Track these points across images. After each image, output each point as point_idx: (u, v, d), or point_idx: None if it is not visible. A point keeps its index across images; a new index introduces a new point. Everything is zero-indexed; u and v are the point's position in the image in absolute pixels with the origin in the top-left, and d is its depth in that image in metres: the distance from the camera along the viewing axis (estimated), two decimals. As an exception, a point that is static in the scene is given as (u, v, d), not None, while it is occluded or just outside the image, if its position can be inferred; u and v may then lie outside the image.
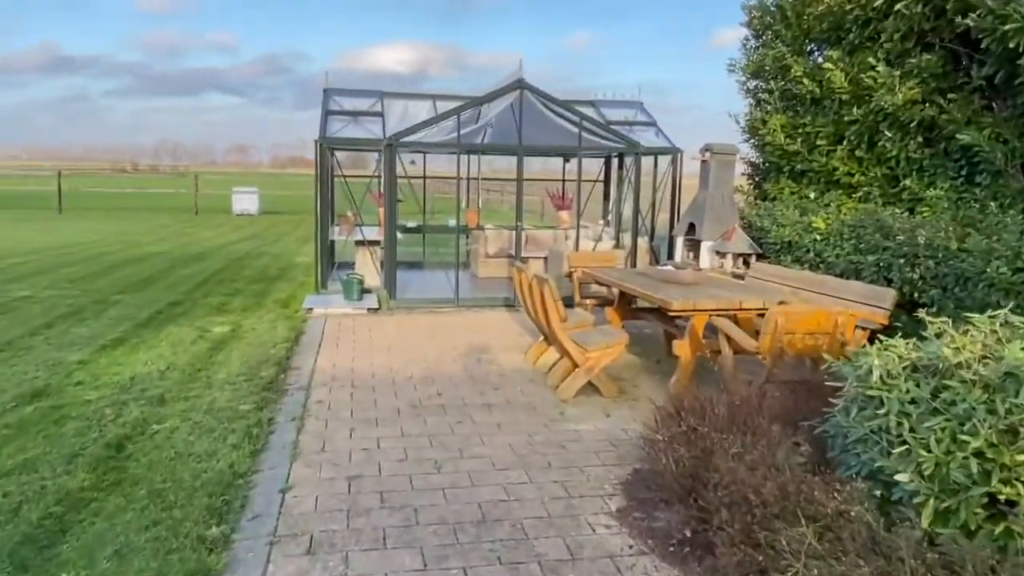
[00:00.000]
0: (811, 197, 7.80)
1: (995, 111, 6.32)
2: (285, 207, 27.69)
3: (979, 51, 6.07)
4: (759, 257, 8.15)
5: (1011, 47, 5.31)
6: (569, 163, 13.11)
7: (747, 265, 8.34)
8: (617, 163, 11.36)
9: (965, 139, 6.02)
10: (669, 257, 10.12)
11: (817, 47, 8.46)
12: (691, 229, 9.08)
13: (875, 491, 2.79)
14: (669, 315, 5.83)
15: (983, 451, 2.54)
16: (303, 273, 11.45)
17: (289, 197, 29.97)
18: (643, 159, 9.72)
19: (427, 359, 6.47)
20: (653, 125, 10.56)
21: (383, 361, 6.37)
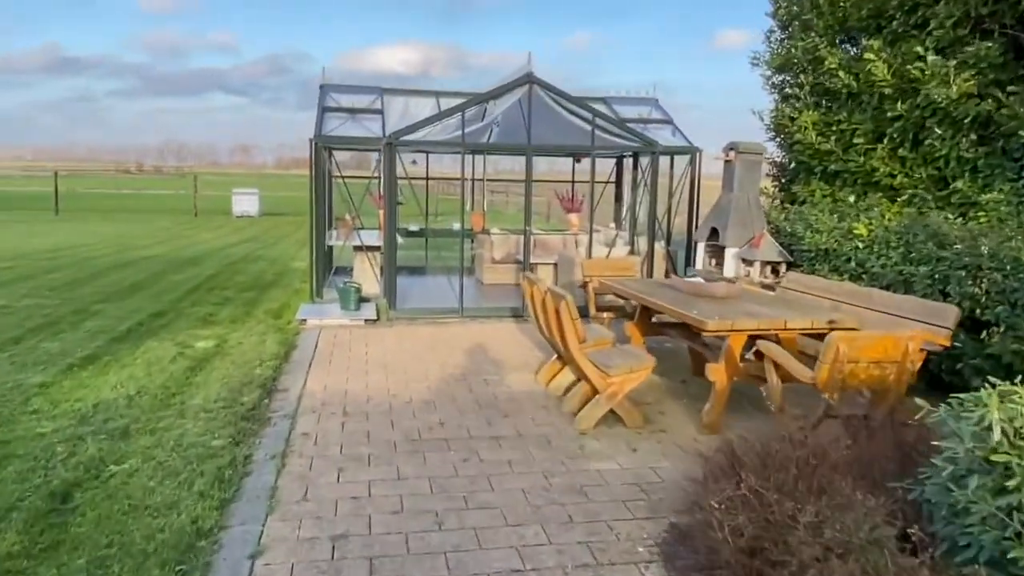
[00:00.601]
0: (850, 200, 7.11)
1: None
2: (287, 208, 27.16)
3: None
4: (789, 266, 7.51)
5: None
6: (580, 163, 12.50)
7: (776, 274, 7.69)
8: (632, 163, 10.73)
9: (1029, 136, 5.39)
10: (687, 264, 9.48)
11: (853, 37, 7.80)
12: (713, 234, 8.43)
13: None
14: (699, 333, 5.21)
15: None
16: (299, 279, 10.84)
17: (292, 198, 29.39)
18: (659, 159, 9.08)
19: (428, 379, 5.85)
20: (669, 123, 9.91)
21: (380, 382, 5.75)
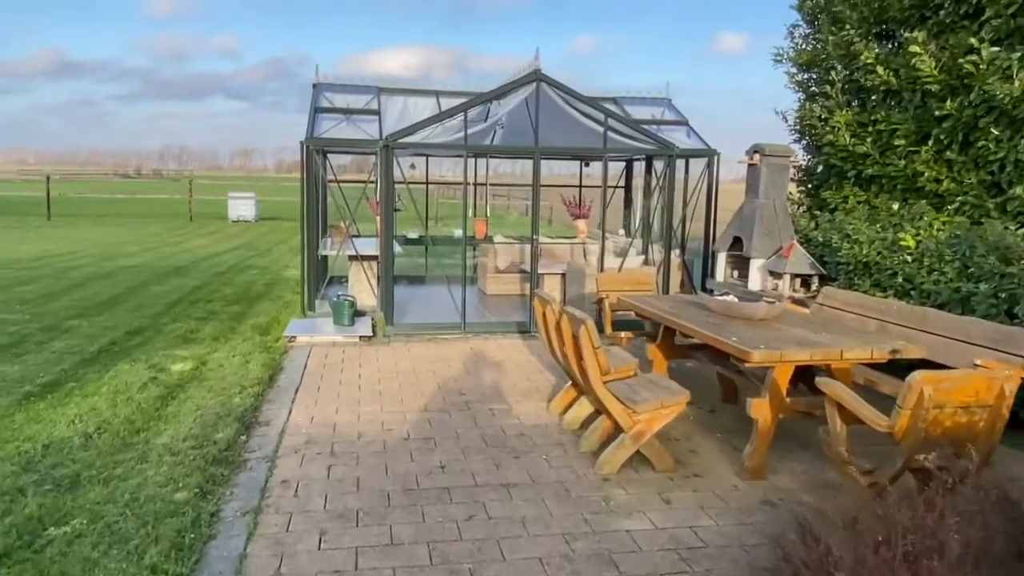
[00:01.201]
0: (894, 208, 6.47)
1: None
2: (285, 213, 26.58)
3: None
4: (822, 279, 6.88)
5: None
6: (588, 167, 11.88)
7: (806, 287, 7.07)
8: (645, 167, 10.11)
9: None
10: (704, 275, 8.86)
11: (891, 30, 7.17)
12: (735, 244, 7.81)
13: None
14: (733, 358, 4.59)
15: None
16: (291, 290, 10.21)
17: (290, 203, 28.76)
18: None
19: (427, 409, 5.22)
20: (684, 124, 9.30)
21: (373, 413, 5.12)
